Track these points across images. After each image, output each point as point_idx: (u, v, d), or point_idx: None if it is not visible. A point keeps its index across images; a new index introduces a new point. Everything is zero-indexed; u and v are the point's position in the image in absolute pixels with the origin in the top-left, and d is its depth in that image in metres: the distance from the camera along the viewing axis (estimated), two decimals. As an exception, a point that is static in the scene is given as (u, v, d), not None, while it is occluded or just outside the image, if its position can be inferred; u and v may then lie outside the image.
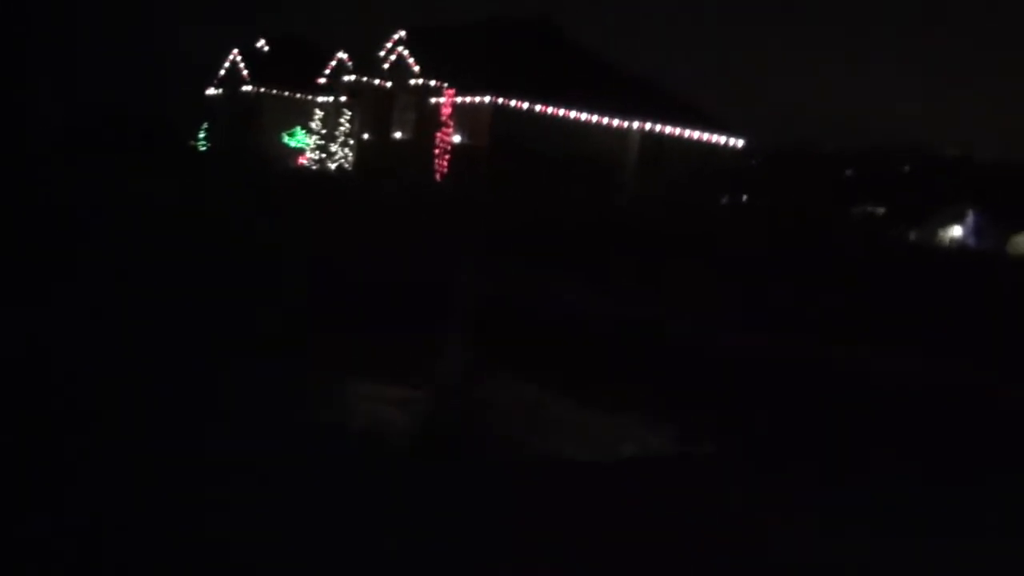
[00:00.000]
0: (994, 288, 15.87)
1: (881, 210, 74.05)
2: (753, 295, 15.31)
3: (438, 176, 35.46)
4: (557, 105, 35.41)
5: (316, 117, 41.27)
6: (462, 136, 35.60)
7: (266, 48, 45.73)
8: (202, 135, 43.52)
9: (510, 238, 17.19)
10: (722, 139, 38.51)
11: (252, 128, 42.08)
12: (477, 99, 35.02)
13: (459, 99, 35.48)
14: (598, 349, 9.93)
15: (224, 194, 20.70)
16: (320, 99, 41.78)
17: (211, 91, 46.50)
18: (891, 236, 45.76)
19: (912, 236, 51.41)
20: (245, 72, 44.03)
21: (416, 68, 37.44)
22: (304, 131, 42.23)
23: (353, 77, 39.96)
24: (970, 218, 51.24)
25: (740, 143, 39.38)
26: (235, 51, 45.36)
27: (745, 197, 65.41)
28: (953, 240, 50.53)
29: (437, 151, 35.82)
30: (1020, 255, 43.07)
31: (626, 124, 36.67)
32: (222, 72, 46.00)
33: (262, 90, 43.31)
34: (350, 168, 39.70)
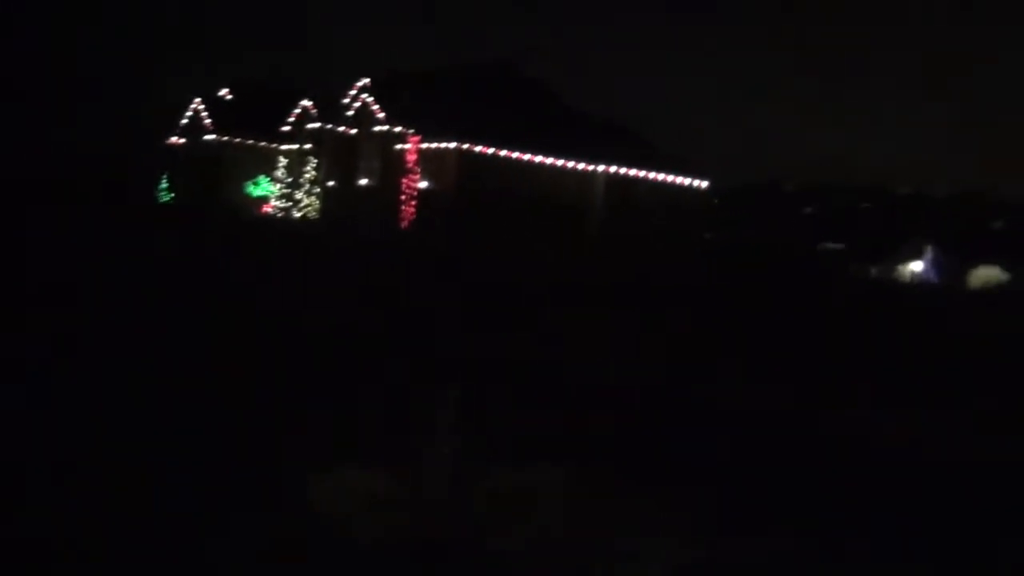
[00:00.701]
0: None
1: (840, 246, 75.17)
2: (725, 345, 15.26)
3: (404, 223, 35.30)
4: (523, 150, 35.55)
5: (280, 165, 41.00)
6: (428, 182, 35.55)
7: (229, 96, 45.43)
8: (163, 185, 43.00)
9: (478, 293, 17.05)
10: (687, 180, 38.88)
11: (215, 178, 41.66)
12: (442, 145, 35.03)
13: (424, 145, 35.47)
14: (583, 412, 9.74)
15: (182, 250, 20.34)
16: (284, 147, 41.55)
17: (173, 139, 46.01)
18: (854, 273, 46.35)
19: (873, 272, 52.08)
20: (207, 121, 43.66)
21: (381, 115, 37.42)
22: (268, 179, 41.89)
23: (318, 125, 39.84)
24: (929, 254, 52.09)
25: (704, 184, 39.79)
26: (197, 99, 44.95)
27: (708, 235, 66.13)
28: (914, 275, 51.26)
29: (403, 197, 35.70)
30: (979, 288, 43.80)
31: (591, 167, 36.88)
32: (184, 121, 45.55)
33: (225, 138, 42.94)
34: (316, 216, 39.39)
